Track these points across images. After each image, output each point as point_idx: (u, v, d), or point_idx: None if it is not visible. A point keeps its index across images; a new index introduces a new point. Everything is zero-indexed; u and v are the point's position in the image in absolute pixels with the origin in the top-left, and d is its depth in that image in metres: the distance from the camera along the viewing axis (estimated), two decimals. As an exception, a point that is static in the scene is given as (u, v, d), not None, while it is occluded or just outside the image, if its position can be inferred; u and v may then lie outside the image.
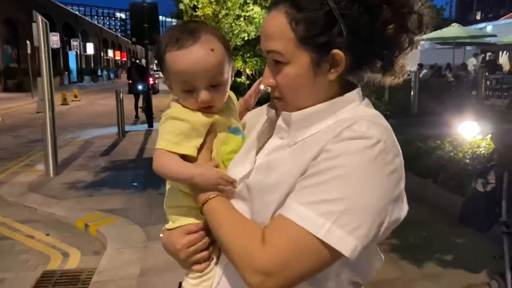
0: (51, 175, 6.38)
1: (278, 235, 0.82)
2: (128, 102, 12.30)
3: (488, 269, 3.13)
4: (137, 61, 17.79)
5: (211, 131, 1.03)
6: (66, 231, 4.51)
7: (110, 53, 60.85)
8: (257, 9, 12.92)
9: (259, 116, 1.10)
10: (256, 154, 0.99)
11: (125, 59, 69.14)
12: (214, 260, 1.01)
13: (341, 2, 0.84)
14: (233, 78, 1.09)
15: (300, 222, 0.80)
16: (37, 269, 3.72)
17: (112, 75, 50.14)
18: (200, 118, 1.01)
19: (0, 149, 9.06)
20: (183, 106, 1.03)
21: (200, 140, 1.00)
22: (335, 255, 0.80)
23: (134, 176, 6.44)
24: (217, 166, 0.99)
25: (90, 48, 46.30)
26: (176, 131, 0.99)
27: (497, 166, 2.78)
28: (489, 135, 4.66)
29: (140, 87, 12.99)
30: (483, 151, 5.06)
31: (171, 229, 1.05)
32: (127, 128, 10.52)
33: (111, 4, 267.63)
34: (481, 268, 3.21)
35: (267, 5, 6.78)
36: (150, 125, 11.43)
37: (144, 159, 7.76)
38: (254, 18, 12.69)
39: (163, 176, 1.00)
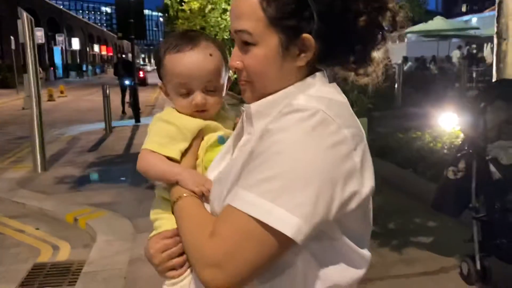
0: (39, 170, 6.44)
1: (223, 224, 0.77)
2: (115, 97, 12.30)
3: (460, 252, 3.30)
4: (123, 56, 17.70)
5: (198, 137, 1.04)
6: (55, 225, 4.59)
7: (96, 48, 60.37)
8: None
9: None
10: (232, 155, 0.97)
11: (111, 54, 68.54)
12: (188, 267, 0.98)
13: None
14: (228, 88, 1.11)
15: (241, 207, 0.75)
16: (28, 262, 3.80)
17: (98, 70, 49.77)
18: (188, 124, 1.04)
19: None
20: (177, 111, 1.07)
21: (186, 145, 1.02)
22: (279, 238, 0.73)
23: (122, 170, 6.51)
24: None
25: (75, 43, 45.91)
26: (163, 134, 1.03)
27: (467, 155, 2.94)
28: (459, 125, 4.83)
29: (126, 82, 12.99)
30: (461, 142, 5.24)
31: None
32: (114, 123, 10.55)
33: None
34: (455, 252, 3.38)
35: None
36: (137, 120, 11.46)
37: (132, 154, 7.84)
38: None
39: (145, 175, 1.03)
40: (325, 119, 0.77)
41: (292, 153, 0.75)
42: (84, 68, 44.60)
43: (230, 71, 1.07)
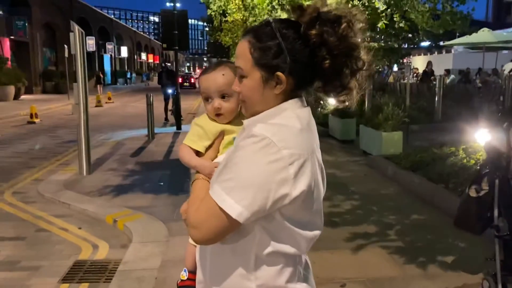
0: (84, 174, 6.85)
1: (203, 203, 1.18)
2: (158, 104, 12.77)
3: (484, 270, 3.30)
4: (168, 64, 18.30)
5: (220, 137, 1.47)
6: (96, 226, 4.91)
7: (143, 56, 62.33)
8: (284, 15, 13.15)
9: None
10: None
11: (158, 62, 70.58)
12: None
13: (287, 39, 1.17)
14: None
15: (212, 194, 1.15)
16: (69, 258, 4.11)
17: (144, 78, 51.43)
18: (211, 127, 1.47)
19: (39, 148, 9.66)
20: (208, 117, 1.50)
21: (209, 142, 1.47)
22: (229, 218, 1.12)
23: (161, 176, 6.83)
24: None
25: (124, 51, 47.66)
26: (194, 133, 1.49)
27: (490, 174, 2.96)
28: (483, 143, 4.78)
29: (169, 91, 13.46)
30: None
31: None
32: (156, 130, 10.98)
33: (145, 8, 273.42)
34: (478, 269, 3.38)
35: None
36: (179, 128, 11.87)
37: (171, 160, 8.17)
38: (281, 23, 12.93)
39: (181, 160, 1.50)
40: (268, 143, 1.12)
41: (243, 164, 1.13)
42: (129, 76, 46.22)
43: None
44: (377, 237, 4.14)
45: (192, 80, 39.33)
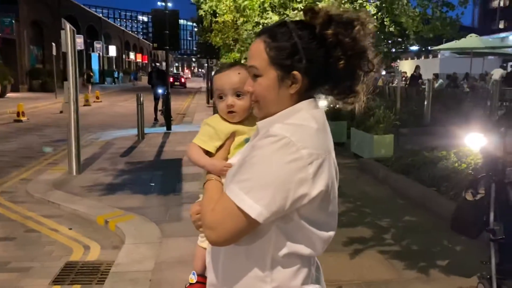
0: (74, 173, 6.76)
1: (219, 203, 1.17)
2: (148, 104, 12.68)
3: (478, 274, 3.32)
4: (157, 64, 18.19)
5: (231, 137, 1.46)
6: (87, 226, 4.85)
7: (132, 55, 61.89)
8: (275, 17, 13.17)
9: None
10: None
11: (146, 61, 70.18)
12: None
13: (303, 39, 1.18)
14: None
15: (229, 194, 1.13)
16: (60, 260, 4.04)
17: (132, 77, 51.04)
18: (223, 128, 1.47)
19: (26, 148, 9.52)
20: (220, 117, 1.49)
21: (220, 143, 1.46)
22: (248, 218, 1.10)
23: (152, 176, 6.77)
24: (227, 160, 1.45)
25: (112, 50, 47.28)
26: (205, 133, 1.48)
27: (486, 178, 2.99)
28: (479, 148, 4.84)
29: (160, 91, 13.38)
30: (486, 163, 5.23)
31: None
32: (146, 130, 10.90)
33: (134, 7, 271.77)
34: (473, 273, 3.40)
35: (286, 12, 7.05)
36: (169, 128, 11.79)
37: (162, 160, 8.11)
38: (272, 25, 12.97)
39: (189, 159, 1.49)
40: (287, 143, 1.11)
41: (262, 164, 1.12)
42: (116, 75, 45.81)
43: None
44: (373, 240, 4.15)
45: (183, 80, 40.89)
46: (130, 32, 73.64)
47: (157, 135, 11.01)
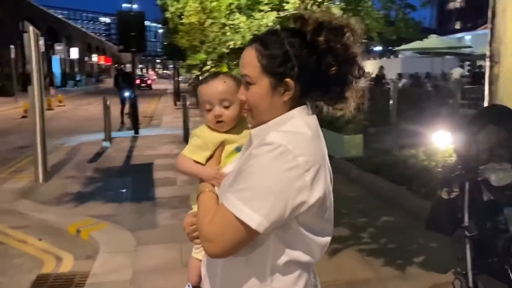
0: (41, 181, 6.52)
1: (217, 215, 1.15)
2: (113, 107, 12.37)
3: (454, 270, 3.41)
4: (122, 66, 17.82)
5: (221, 147, 1.44)
6: (58, 236, 4.68)
7: (94, 57, 60.44)
8: (242, 18, 13.17)
9: None
10: None
11: (110, 63, 68.70)
12: None
13: (294, 46, 1.18)
14: None
15: (227, 205, 1.12)
16: (31, 273, 3.88)
17: (94, 80, 49.83)
18: (211, 138, 1.44)
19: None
20: (207, 127, 1.47)
21: (209, 153, 1.43)
22: (248, 228, 1.09)
23: (123, 183, 6.62)
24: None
25: (74, 53, 45.98)
26: (193, 144, 1.46)
27: (460, 176, 3.07)
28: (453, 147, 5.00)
29: (126, 94, 13.10)
30: (454, 160, 5.39)
31: None
32: (113, 134, 10.65)
33: (95, 8, 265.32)
34: (449, 269, 3.49)
35: (252, 14, 7.04)
36: (136, 132, 11.57)
37: (132, 165, 7.94)
38: (240, 27, 12.97)
39: (179, 171, 1.47)
40: (284, 151, 1.11)
41: (260, 173, 1.11)
42: (78, 78, 44.60)
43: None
44: (351, 239, 4.20)
45: (149, 82, 41.80)
46: (92, 33, 71.91)
47: (125, 140, 10.78)
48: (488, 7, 4.73)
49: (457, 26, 54.91)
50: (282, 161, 1.10)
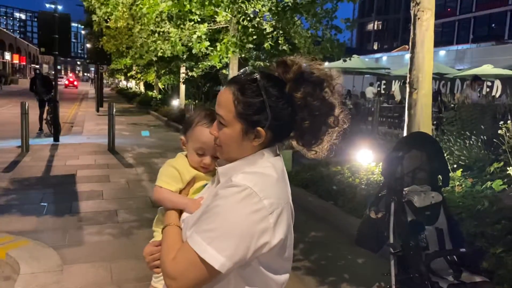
0: None
1: (180, 253, 1.18)
2: (31, 112, 11.63)
3: (378, 284, 3.64)
4: (37, 67, 16.77)
5: (191, 182, 1.48)
6: (-30, 255, 4.29)
7: (8, 56, 56.20)
8: (172, 28, 13.02)
9: None
10: None
11: (24, 63, 64.26)
12: None
13: (271, 97, 1.21)
14: None
15: (191, 244, 1.15)
16: None
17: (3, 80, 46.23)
18: (186, 172, 1.48)
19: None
20: (186, 159, 1.50)
21: (182, 185, 1.47)
22: (210, 268, 1.13)
23: (43, 195, 6.22)
24: None
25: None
26: (169, 175, 1.48)
27: (386, 197, 3.30)
28: (380, 165, 5.34)
29: (45, 99, 12.37)
30: (376, 177, 5.76)
31: None
32: (30, 141, 9.96)
33: (8, 3, 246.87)
34: (373, 283, 3.71)
35: (182, 26, 7.21)
36: (56, 139, 10.95)
37: (52, 177, 7.49)
38: (170, 36, 12.80)
39: (160, 203, 1.46)
40: (250, 193, 1.15)
41: (225, 215, 1.15)
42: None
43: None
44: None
45: (76, 83, 48.42)
46: (4, 30, 66.90)
47: (43, 147, 10.14)
48: (403, 31, 5.17)
49: (375, 47, 58.70)
50: (247, 204, 1.14)
